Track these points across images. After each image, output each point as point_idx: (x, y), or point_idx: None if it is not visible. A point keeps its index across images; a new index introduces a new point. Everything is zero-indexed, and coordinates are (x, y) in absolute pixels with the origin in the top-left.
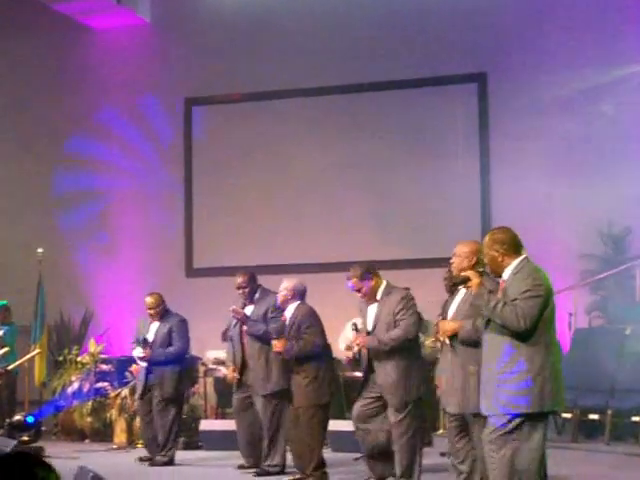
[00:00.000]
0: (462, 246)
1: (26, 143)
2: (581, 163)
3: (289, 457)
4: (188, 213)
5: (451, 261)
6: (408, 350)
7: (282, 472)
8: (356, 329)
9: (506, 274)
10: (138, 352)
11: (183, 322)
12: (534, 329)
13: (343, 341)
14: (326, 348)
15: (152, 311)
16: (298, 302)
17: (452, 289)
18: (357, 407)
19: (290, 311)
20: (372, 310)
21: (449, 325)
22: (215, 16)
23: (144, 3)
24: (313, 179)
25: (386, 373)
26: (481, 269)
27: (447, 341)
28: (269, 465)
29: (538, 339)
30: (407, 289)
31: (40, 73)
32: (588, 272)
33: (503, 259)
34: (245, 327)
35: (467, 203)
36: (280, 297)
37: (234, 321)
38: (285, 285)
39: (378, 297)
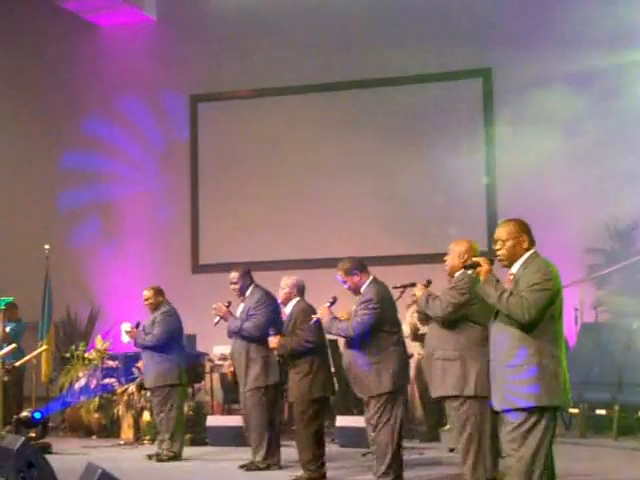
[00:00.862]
0: (455, 244)
1: (32, 140)
2: (587, 158)
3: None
4: (194, 210)
5: (445, 258)
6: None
7: (268, 468)
8: (332, 303)
9: (515, 267)
10: (126, 326)
11: (166, 313)
12: (539, 322)
13: None
14: (322, 344)
15: (147, 302)
16: (297, 299)
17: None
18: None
19: (289, 308)
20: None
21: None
22: (220, 13)
23: (150, 1)
24: (319, 175)
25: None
26: (492, 259)
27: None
28: (259, 461)
29: (544, 333)
30: (412, 284)
31: (47, 70)
32: (595, 267)
33: (528, 248)
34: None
35: (473, 197)
36: (282, 295)
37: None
38: (286, 282)
39: (361, 291)
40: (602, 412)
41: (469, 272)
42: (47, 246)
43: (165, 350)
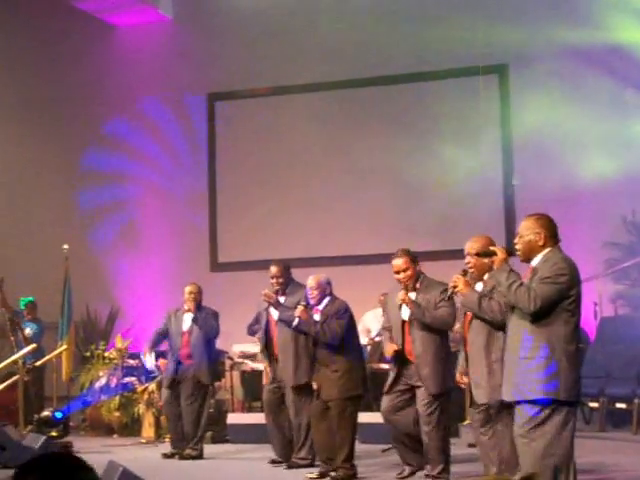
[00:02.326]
0: (472, 242)
1: (51, 140)
2: (604, 151)
3: None
4: (212, 208)
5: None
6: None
7: (312, 465)
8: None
9: (536, 261)
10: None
11: (216, 313)
12: (545, 314)
13: (362, 332)
14: (357, 343)
15: (190, 297)
16: (328, 298)
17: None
18: (386, 400)
19: (322, 306)
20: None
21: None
22: (237, 12)
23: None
24: (337, 172)
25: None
26: (510, 250)
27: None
28: (300, 458)
29: (559, 328)
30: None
31: (64, 70)
32: (613, 260)
33: (544, 244)
34: (275, 315)
35: (490, 194)
36: (311, 299)
37: (264, 314)
38: (311, 285)
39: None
40: (622, 406)
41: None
42: (66, 246)
43: (208, 347)
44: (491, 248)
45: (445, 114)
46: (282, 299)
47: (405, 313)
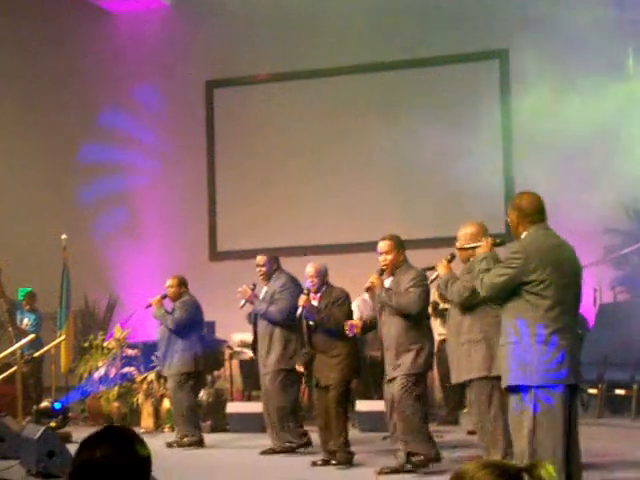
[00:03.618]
0: (463, 228)
1: (49, 130)
2: (606, 137)
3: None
4: (211, 196)
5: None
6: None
7: (301, 446)
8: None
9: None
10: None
11: (186, 302)
12: (511, 300)
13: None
14: None
15: (169, 291)
16: (325, 285)
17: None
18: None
19: (319, 293)
20: None
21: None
22: None
23: None
24: (337, 159)
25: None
26: (498, 240)
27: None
28: (288, 441)
29: (526, 312)
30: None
31: (63, 56)
32: (613, 247)
33: (517, 226)
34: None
35: (490, 180)
36: (311, 286)
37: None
38: (310, 272)
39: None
40: (621, 392)
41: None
42: (64, 236)
43: (183, 338)
44: (479, 243)
45: (445, 100)
46: (265, 288)
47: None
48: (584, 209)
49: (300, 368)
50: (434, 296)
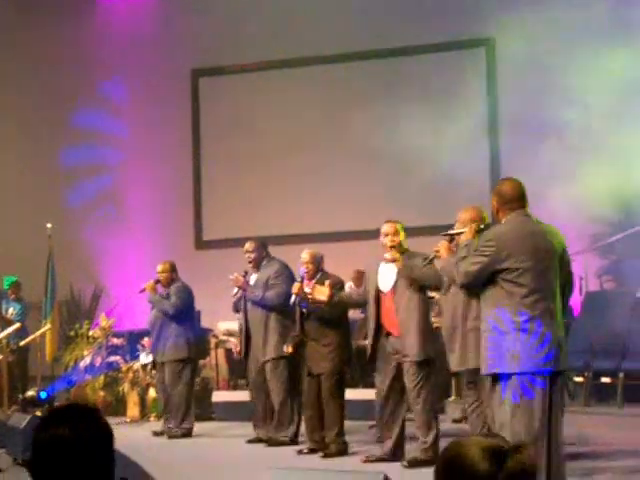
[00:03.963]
0: (462, 212)
1: (32, 118)
2: (593, 126)
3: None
4: (197, 186)
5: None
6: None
7: (293, 442)
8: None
9: None
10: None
11: (181, 287)
12: (487, 287)
13: None
14: (346, 318)
15: (161, 276)
16: (320, 273)
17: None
18: (379, 378)
19: (315, 281)
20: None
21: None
22: None
23: None
24: (323, 147)
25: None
26: (482, 226)
27: None
28: (283, 435)
29: (502, 299)
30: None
31: (46, 46)
32: (599, 235)
33: (498, 212)
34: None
35: (477, 168)
36: (305, 273)
37: (242, 292)
38: (306, 259)
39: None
40: (607, 380)
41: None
42: (49, 225)
43: (178, 323)
44: (462, 230)
45: (431, 89)
46: (254, 276)
47: (385, 282)
48: (571, 197)
49: (289, 349)
50: None
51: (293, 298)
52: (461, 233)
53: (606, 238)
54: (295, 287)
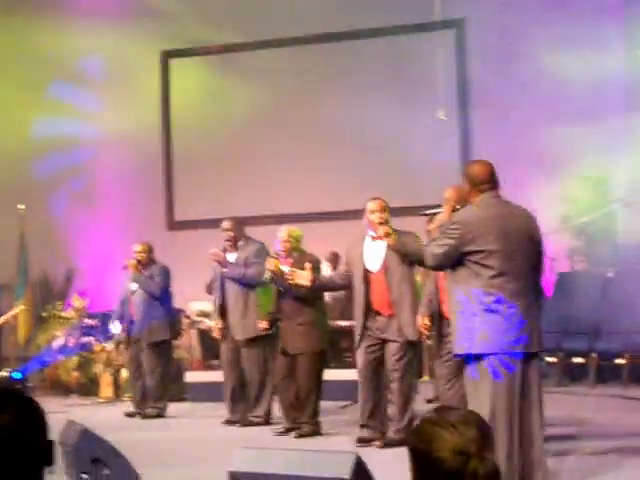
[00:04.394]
0: (446, 192)
1: (5, 102)
2: (562, 107)
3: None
4: (168, 167)
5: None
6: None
7: (267, 423)
8: None
9: None
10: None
11: (163, 269)
12: (456, 269)
13: None
14: (322, 297)
15: (139, 257)
16: (299, 252)
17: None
18: (361, 356)
19: (292, 259)
20: (356, 256)
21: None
22: None
23: None
24: (294, 129)
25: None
26: (459, 207)
27: None
28: (255, 416)
29: (471, 281)
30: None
31: (15, 19)
32: (569, 216)
33: (468, 195)
34: (225, 271)
35: (447, 150)
36: (283, 251)
37: (218, 271)
38: (283, 237)
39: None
40: (579, 360)
41: None
42: (21, 206)
43: (162, 304)
44: (435, 210)
45: (401, 71)
46: (234, 255)
47: (372, 261)
48: (541, 178)
49: (263, 324)
50: None
51: (266, 274)
52: (439, 213)
53: (577, 218)
54: (270, 263)
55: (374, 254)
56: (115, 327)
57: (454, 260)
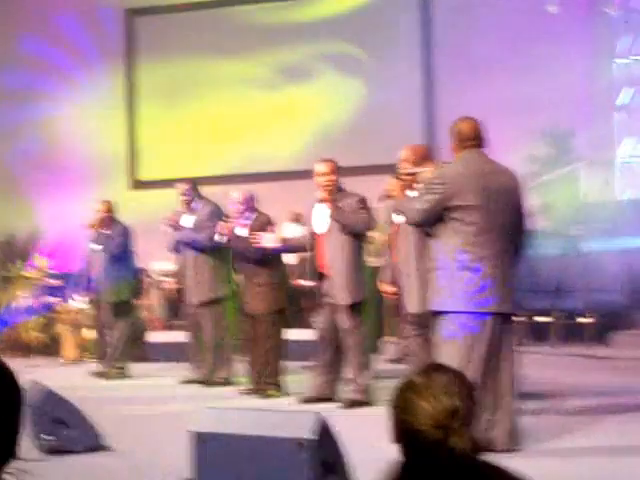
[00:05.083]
0: (407, 150)
1: None
2: (525, 63)
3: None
4: (131, 126)
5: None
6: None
7: (229, 383)
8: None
9: None
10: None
11: (125, 227)
12: (437, 225)
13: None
14: (279, 257)
15: (100, 215)
16: (254, 213)
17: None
18: (320, 317)
19: (248, 221)
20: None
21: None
22: None
23: None
24: (258, 87)
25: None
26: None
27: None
28: (218, 377)
29: (448, 238)
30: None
31: None
32: (532, 174)
33: (454, 151)
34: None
35: (410, 108)
36: (236, 212)
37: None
38: (237, 199)
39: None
40: (542, 319)
41: None
42: None
43: (123, 263)
44: (418, 169)
45: (365, 28)
46: (191, 218)
47: (320, 226)
48: (504, 136)
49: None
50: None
51: (217, 237)
52: (421, 172)
53: (540, 177)
54: (221, 226)
55: (322, 217)
56: (81, 301)
57: (438, 215)
